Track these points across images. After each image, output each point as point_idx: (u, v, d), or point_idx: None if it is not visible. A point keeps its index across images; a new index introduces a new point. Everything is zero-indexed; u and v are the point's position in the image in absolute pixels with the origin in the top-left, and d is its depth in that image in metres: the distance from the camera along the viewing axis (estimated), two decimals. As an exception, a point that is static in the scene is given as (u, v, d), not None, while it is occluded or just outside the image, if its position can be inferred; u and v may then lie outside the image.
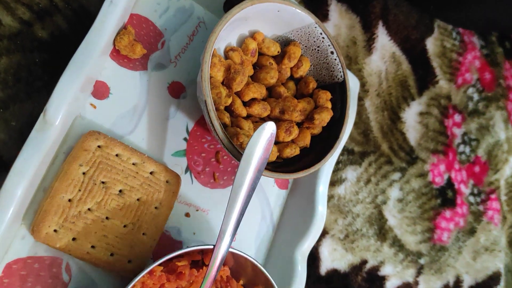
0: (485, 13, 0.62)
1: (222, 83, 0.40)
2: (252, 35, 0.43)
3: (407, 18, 0.62)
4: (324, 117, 0.42)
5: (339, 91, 0.44)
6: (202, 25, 0.45)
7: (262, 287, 0.40)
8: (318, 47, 0.44)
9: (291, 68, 0.45)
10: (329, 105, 0.43)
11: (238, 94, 0.41)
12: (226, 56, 0.41)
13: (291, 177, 0.39)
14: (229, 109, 0.41)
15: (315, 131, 0.43)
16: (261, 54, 0.44)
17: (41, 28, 0.39)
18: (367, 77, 0.57)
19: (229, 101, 0.40)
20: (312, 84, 0.44)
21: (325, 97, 0.43)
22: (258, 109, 0.41)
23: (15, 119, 0.38)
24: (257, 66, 0.44)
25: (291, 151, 0.42)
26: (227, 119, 0.39)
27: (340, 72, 0.44)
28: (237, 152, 0.37)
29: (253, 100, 0.41)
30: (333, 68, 0.44)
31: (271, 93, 0.43)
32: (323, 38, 0.43)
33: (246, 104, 0.41)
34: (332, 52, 0.43)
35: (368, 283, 0.54)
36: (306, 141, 0.43)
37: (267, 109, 0.41)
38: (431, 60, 0.63)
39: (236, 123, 0.40)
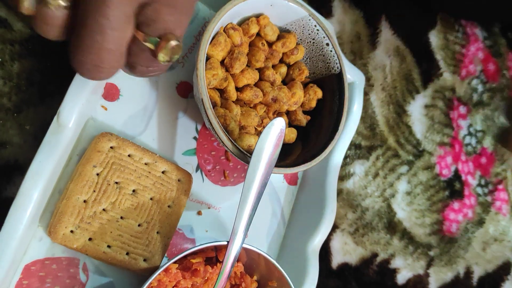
0: (488, 3, 0.62)
1: (221, 62, 0.40)
2: (258, 17, 0.42)
3: (410, 12, 0.62)
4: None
5: (336, 82, 0.44)
6: (208, 25, 0.45)
7: (276, 283, 0.40)
8: (313, 39, 0.44)
9: (283, 53, 0.44)
10: (313, 104, 0.44)
11: (233, 78, 0.41)
12: (225, 33, 0.41)
13: (297, 170, 0.39)
14: (220, 90, 0.40)
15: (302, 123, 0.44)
16: (257, 35, 0.43)
17: (50, 32, 0.40)
18: (372, 71, 0.58)
19: (224, 84, 0.39)
20: (303, 72, 0.44)
21: (313, 94, 0.43)
22: (249, 96, 0.41)
23: (29, 123, 0.38)
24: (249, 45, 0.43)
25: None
26: (218, 98, 0.39)
27: (337, 63, 0.43)
28: (241, 153, 0.37)
29: (246, 86, 0.41)
30: (329, 59, 0.44)
31: (260, 74, 0.43)
32: (317, 30, 0.43)
33: (238, 89, 0.41)
34: (327, 44, 0.43)
35: (379, 276, 0.55)
36: (291, 135, 0.43)
37: (258, 96, 0.41)
38: (435, 53, 0.63)
39: (225, 105, 0.40)
